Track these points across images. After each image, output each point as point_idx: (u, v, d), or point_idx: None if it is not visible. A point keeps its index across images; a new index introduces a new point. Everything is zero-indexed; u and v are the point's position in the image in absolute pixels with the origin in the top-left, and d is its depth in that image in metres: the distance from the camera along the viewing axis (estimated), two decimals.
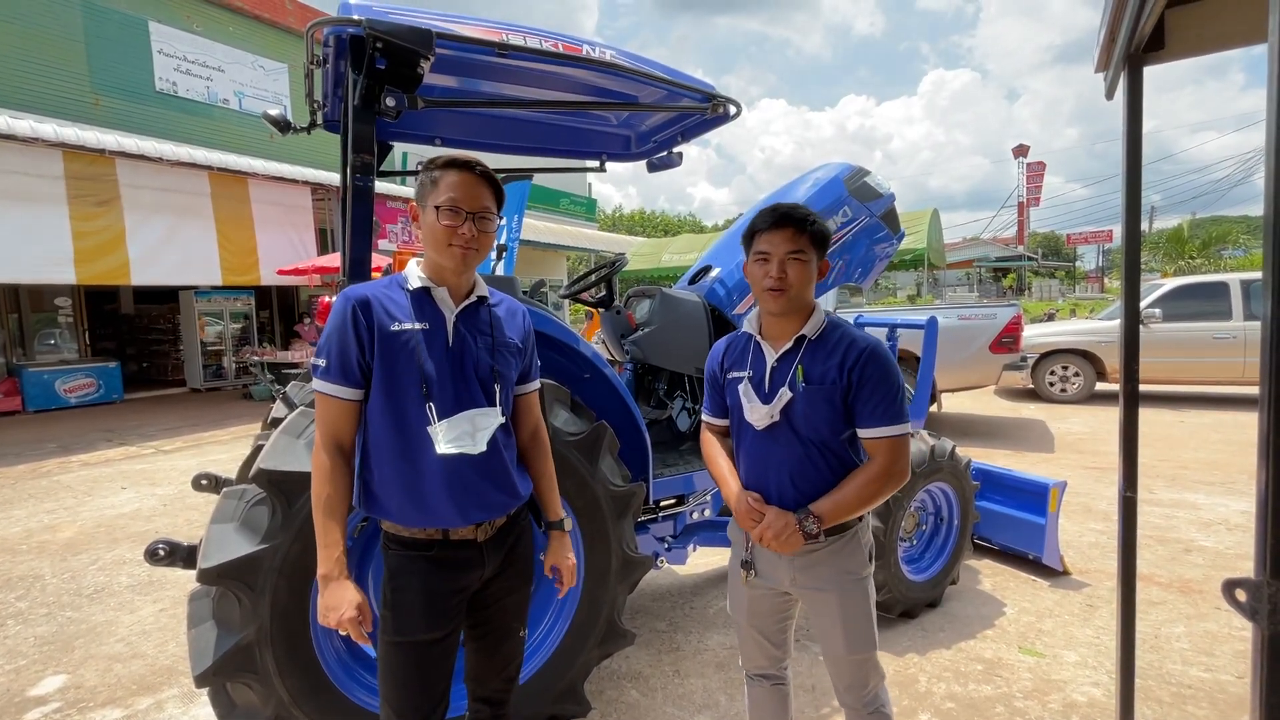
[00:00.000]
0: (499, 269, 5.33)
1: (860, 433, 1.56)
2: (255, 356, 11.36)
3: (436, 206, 1.40)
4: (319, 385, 1.41)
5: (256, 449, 2.28)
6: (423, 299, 1.46)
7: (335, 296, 1.58)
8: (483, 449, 1.44)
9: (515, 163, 3.50)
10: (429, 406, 1.40)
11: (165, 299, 13.56)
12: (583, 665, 2.26)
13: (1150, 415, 7.56)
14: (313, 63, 2.12)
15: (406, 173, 3.44)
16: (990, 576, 3.58)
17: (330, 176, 10.99)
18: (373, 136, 1.97)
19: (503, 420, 1.49)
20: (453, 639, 1.50)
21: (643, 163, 3.21)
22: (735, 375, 1.67)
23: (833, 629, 1.62)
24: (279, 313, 16.09)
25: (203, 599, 1.88)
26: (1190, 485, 5.13)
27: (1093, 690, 2.53)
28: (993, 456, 5.86)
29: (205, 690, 1.81)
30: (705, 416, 1.81)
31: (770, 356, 1.62)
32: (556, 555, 1.64)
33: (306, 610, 1.79)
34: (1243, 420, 7.43)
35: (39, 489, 5.92)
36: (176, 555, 2.04)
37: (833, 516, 1.53)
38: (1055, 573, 3.56)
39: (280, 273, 10.68)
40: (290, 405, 2.36)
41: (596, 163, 3.20)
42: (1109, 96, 1.80)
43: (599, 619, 2.27)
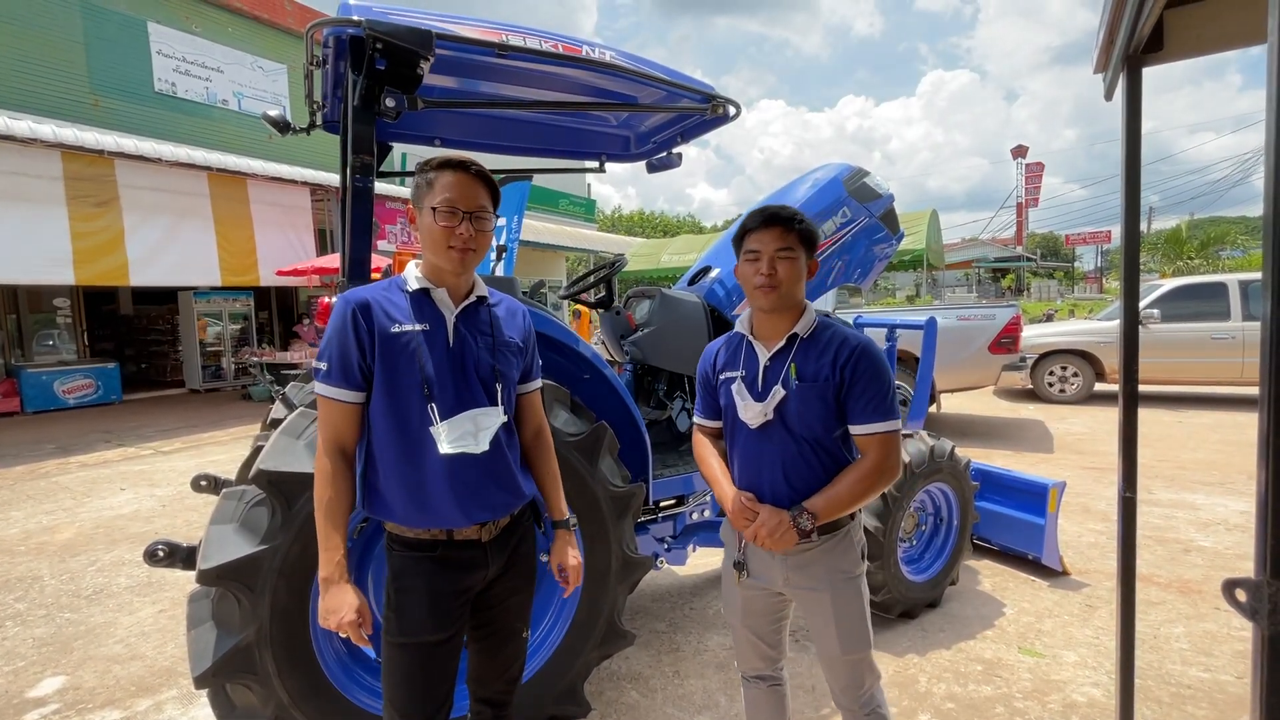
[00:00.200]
0: (499, 270, 5.33)
1: (852, 429, 1.57)
2: (254, 357, 11.36)
3: (433, 208, 1.40)
4: (321, 389, 1.40)
5: (256, 450, 2.28)
6: (422, 300, 1.45)
7: (335, 297, 1.58)
8: (485, 448, 1.44)
9: (515, 163, 3.50)
10: (431, 407, 1.40)
11: (164, 300, 13.54)
12: (582, 666, 2.26)
13: (1149, 415, 7.57)
14: (312, 63, 2.12)
15: (406, 173, 3.42)
16: (990, 577, 3.58)
17: (329, 177, 10.99)
18: (372, 137, 1.97)
19: (505, 419, 1.49)
20: (457, 640, 1.49)
21: (642, 163, 3.21)
22: (728, 375, 1.68)
23: (826, 629, 1.62)
24: (278, 313, 16.09)
25: (202, 600, 1.88)
26: (1189, 485, 5.13)
27: (1092, 690, 2.53)
28: (992, 457, 5.87)
29: (204, 691, 1.81)
30: (697, 419, 1.82)
31: (763, 355, 1.63)
32: (563, 554, 1.63)
33: (306, 611, 1.79)
34: (1242, 420, 7.44)
35: (37, 490, 5.91)
36: (176, 556, 2.04)
37: (826, 513, 1.54)
38: (1055, 573, 3.56)
39: (279, 273, 10.67)
40: (290, 406, 2.37)
41: (596, 163, 3.21)
42: (1108, 97, 1.80)
43: (599, 620, 2.26)
